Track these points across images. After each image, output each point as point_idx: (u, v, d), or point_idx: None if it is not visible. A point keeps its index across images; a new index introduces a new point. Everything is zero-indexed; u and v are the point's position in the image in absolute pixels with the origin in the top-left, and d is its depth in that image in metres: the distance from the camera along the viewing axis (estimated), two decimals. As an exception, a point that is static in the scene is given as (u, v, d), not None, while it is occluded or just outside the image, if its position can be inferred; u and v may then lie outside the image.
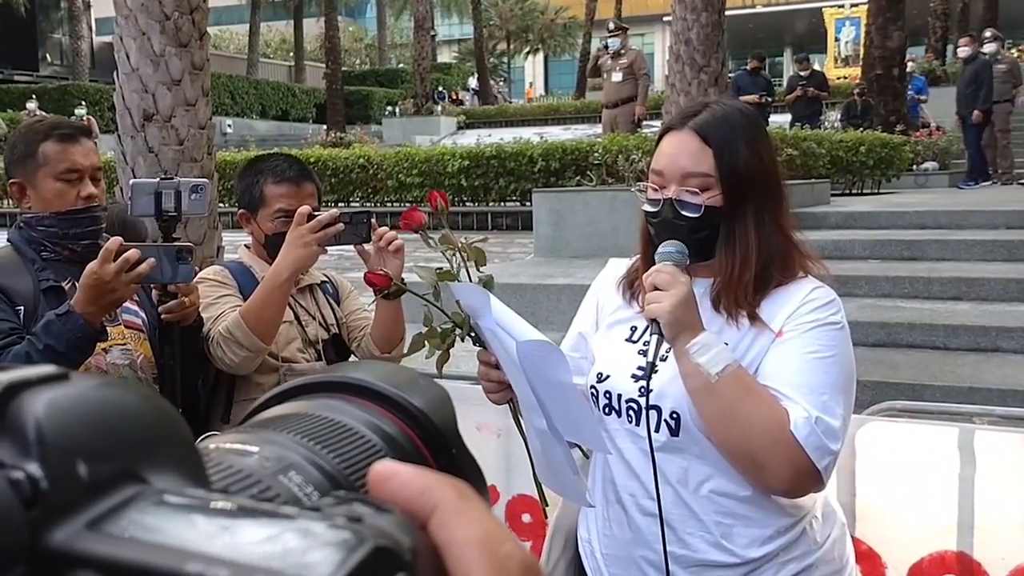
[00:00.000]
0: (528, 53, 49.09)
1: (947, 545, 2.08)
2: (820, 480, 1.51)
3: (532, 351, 1.44)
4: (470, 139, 17.08)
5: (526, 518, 2.56)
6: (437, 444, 0.41)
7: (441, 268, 1.66)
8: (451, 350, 1.72)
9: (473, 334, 1.63)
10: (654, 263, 1.60)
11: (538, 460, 1.65)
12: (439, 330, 1.68)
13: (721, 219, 1.60)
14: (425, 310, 1.67)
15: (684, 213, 1.60)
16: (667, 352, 1.58)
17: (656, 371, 1.58)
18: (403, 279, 1.97)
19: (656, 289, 1.52)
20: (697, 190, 1.60)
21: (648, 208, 1.65)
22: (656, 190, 1.64)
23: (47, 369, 0.31)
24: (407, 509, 0.33)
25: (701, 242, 1.60)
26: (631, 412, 1.63)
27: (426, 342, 1.68)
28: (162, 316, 2.16)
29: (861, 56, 14.04)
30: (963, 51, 12.75)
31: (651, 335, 1.52)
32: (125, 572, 0.27)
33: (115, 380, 0.33)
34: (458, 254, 1.65)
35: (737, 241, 1.61)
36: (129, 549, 0.28)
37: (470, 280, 1.63)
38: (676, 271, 1.54)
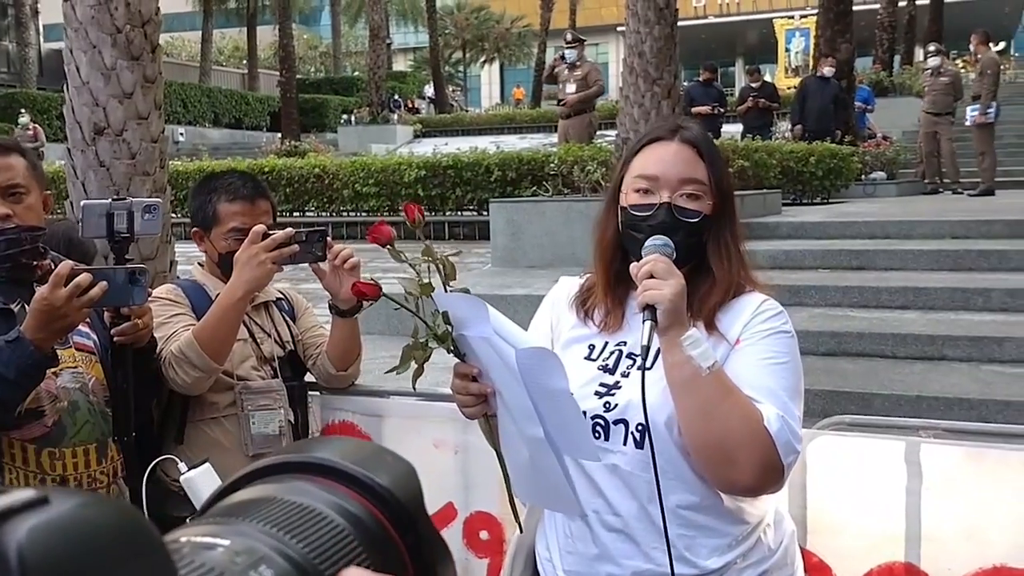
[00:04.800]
0: (484, 62, 49.16)
1: (896, 556, 2.13)
2: (783, 476, 1.56)
3: (532, 358, 1.46)
4: (426, 147, 17.05)
5: (484, 535, 2.56)
6: (403, 523, 0.42)
7: (423, 281, 1.64)
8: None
9: (453, 346, 1.63)
10: (613, 277, 1.66)
11: (520, 475, 1.65)
12: (421, 342, 1.66)
13: (711, 228, 1.66)
14: (415, 324, 1.66)
15: (682, 218, 1.64)
16: (629, 369, 1.62)
17: (619, 387, 1.62)
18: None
19: (652, 277, 1.53)
20: (697, 194, 1.65)
21: (637, 212, 1.67)
22: (645, 193, 1.67)
23: (27, 494, 0.33)
24: None
25: (687, 248, 1.64)
26: (598, 429, 1.65)
27: (413, 355, 1.66)
28: (115, 339, 2.13)
29: (811, 66, 14.27)
30: (829, 71, 13.21)
31: (644, 321, 1.53)
32: None
33: (92, 498, 0.34)
34: (433, 267, 1.64)
35: (722, 249, 1.67)
36: None
37: (445, 293, 1.63)
38: (670, 262, 1.56)
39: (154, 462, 2.11)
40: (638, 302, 1.56)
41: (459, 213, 12.51)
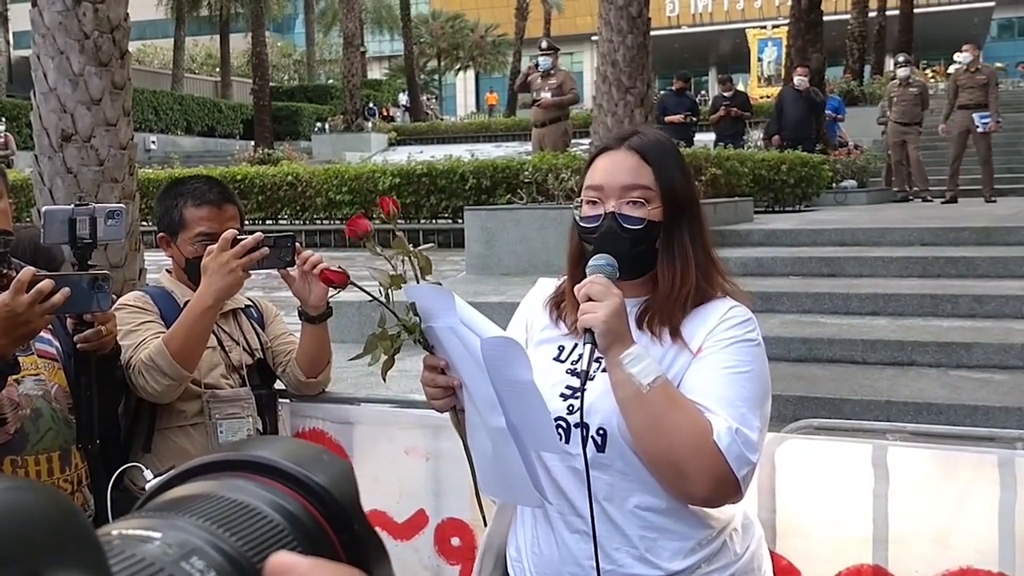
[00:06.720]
0: (459, 70, 49.22)
1: (863, 558, 2.14)
2: (739, 489, 1.55)
3: (496, 348, 1.46)
4: (401, 155, 17.04)
5: (455, 541, 2.55)
6: (340, 521, 0.42)
7: (394, 273, 1.65)
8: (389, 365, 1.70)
9: (422, 338, 1.63)
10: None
11: (485, 468, 1.66)
12: (389, 333, 1.66)
13: (660, 234, 1.65)
14: (381, 314, 1.66)
15: (626, 226, 1.63)
16: (595, 372, 1.61)
17: (585, 390, 1.61)
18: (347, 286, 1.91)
19: (589, 300, 1.54)
20: (642, 200, 1.64)
21: (586, 224, 1.68)
22: (593, 204, 1.67)
23: None
24: None
25: (637, 257, 1.64)
26: (560, 430, 1.65)
27: (379, 344, 1.66)
28: (78, 346, 2.10)
29: (783, 76, 14.43)
30: (800, 80, 13.40)
31: (584, 344, 1.54)
32: None
33: (21, 482, 0.34)
34: (408, 260, 1.64)
35: (676, 256, 1.65)
36: None
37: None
38: (608, 282, 1.57)
39: (119, 469, 2.09)
40: (577, 326, 1.58)
41: (434, 221, 12.50)
